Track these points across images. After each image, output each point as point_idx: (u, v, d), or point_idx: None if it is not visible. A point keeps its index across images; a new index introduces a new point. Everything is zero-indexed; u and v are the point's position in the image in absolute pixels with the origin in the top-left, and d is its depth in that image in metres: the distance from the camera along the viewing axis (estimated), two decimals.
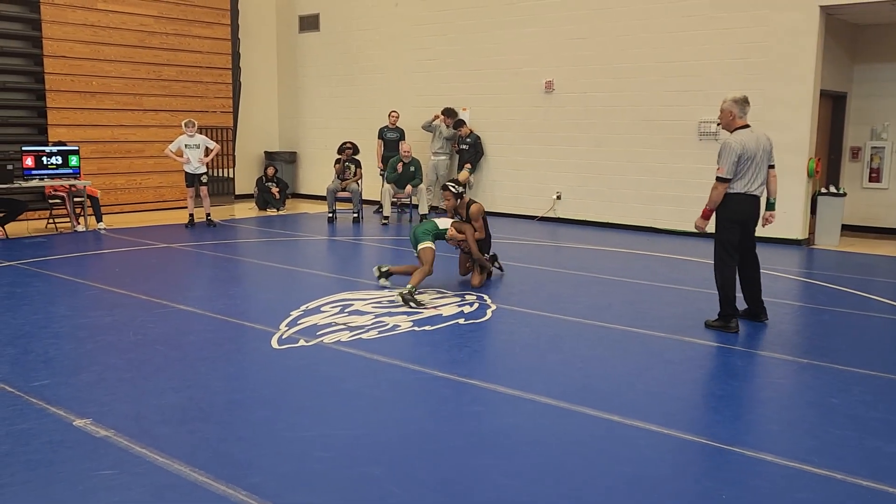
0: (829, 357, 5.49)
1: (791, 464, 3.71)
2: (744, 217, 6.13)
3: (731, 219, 6.10)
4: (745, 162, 5.95)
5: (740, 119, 6.09)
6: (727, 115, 6.12)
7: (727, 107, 6.10)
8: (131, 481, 3.39)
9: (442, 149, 13.77)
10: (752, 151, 5.96)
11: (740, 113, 6.08)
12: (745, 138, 5.98)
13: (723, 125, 6.24)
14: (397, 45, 14.79)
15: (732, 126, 6.10)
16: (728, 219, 6.11)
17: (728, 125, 6.14)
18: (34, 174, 10.80)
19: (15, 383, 4.64)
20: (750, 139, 5.99)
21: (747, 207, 6.11)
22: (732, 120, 6.10)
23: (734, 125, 6.10)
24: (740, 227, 6.14)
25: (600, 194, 12.44)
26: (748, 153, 5.94)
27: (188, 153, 11.71)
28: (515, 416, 4.29)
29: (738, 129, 6.08)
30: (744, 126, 6.08)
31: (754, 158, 5.98)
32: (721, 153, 6.01)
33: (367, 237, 11.22)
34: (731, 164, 5.93)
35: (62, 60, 12.69)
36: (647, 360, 5.41)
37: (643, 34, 11.71)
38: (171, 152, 11.77)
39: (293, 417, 4.20)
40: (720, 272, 6.17)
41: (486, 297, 7.16)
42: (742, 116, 6.09)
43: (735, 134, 6.04)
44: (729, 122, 6.12)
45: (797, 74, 10.46)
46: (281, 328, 5.96)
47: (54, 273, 8.06)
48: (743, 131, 6.04)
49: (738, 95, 6.13)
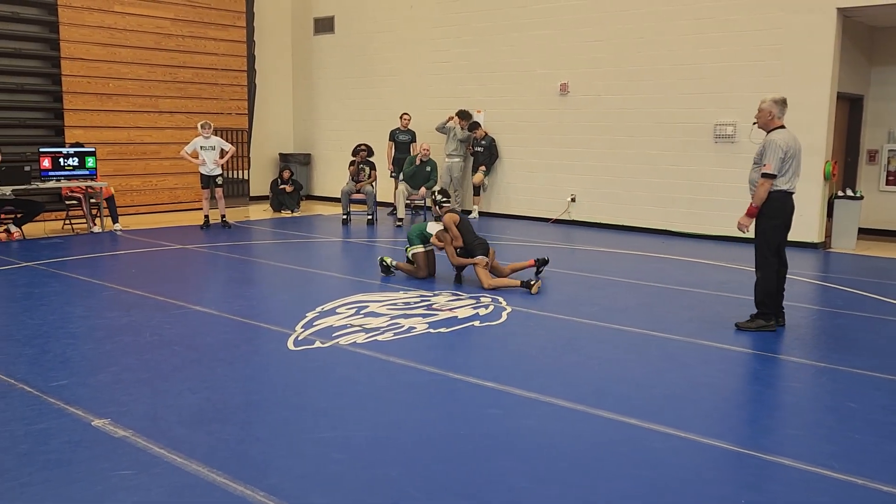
0: (846, 361, 5.44)
1: (810, 468, 3.68)
2: (787, 215, 6.18)
3: (777, 216, 6.14)
4: (788, 160, 6.03)
5: (778, 119, 6.16)
6: (766, 115, 6.17)
7: (767, 106, 6.15)
8: (150, 481, 3.41)
9: (456, 151, 13.77)
10: (793, 150, 6.06)
11: (779, 113, 6.15)
12: (787, 137, 6.06)
13: (760, 124, 6.26)
14: (412, 47, 14.82)
15: (770, 126, 6.17)
16: (774, 217, 6.14)
17: (766, 124, 6.20)
18: (51, 175, 10.88)
19: (34, 383, 4.68)
20: (791, 138, 6.09)
21: (790, 205, 6.17)
22: (771, 120, 6.16)
23: (772, 125, 6.16)
24: (783, 225, 6.20)
25: (615, 197, 12.41)
26: (791, 151, 6.04)
27: (203, 155, 11.76)
28: (532, 418, 4.28)
29: (775, 129, 6.14)
30: (780, 127, 6.15)
31: (796, 157, 6.08)
32: (766, 151, 6.05)
33: (382, 239, 11.23)
34: (779, 161, 5.99)
35: (79, 62, 12.79)
36: (663, 364, 5.39)
37: (658, 36, 11.67)
38: (187, 154, 11.82)
39: (310, 419, 4.21)
40: (761, 271, 6.22)
41: (501, 300, 7.15)
42: (780, 117, 6.16)
43: (777, 132, 6.10)
44: (767, 121, 6.18)
45: (814, 77, 10.39)
46: (297, 330, 5.97)
47: (71, 274, 8.11)
48: (782, 131, 6.11)
49: (777, 96, 6.19)
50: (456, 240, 7.86)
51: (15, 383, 4.67)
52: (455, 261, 7.90)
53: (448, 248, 7.88)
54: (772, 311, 6.24)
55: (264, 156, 16.44)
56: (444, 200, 8.28)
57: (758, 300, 6.26)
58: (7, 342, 5.63)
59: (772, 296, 6.21)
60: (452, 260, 7.91)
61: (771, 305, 6.22)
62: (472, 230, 8.04)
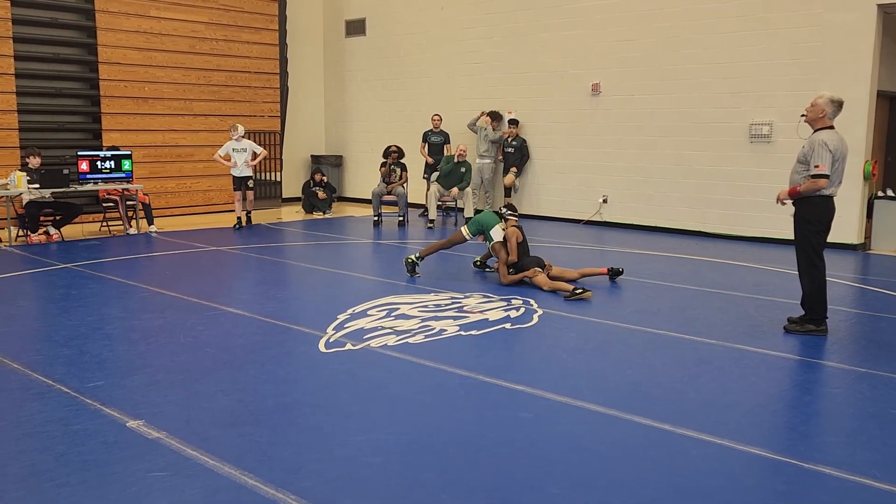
0: (888, 366, 5.32)
1: (850, 477, 3.60)
2: (830, 219, 6.04)
3: (821, 220, 6.01)
4: (835, 163, 5.87)
5: (829, 119, 5.96)
6: (818, 111, 5.97)
7: (822, 103, 5.95)
8: (183, 483, 3.44)
9: (487, 152, 13.74)
10: (840, 154, 5.90)
11: (832, 114, 5.96)
12: (835, 139, 5.88)
13: (808, 118, 6.06)
14: (443, 48, 14.82)
15: (818, 124, 5.98)
16: (818, 221, 6.01)
17: (814, 121, 6.01)
18: (89, 178, 11.08)
19: (71, 384, 4.75)
20: (839, 141, 5.91)
21: (833, 209, 6.05)
22: (823, 118, 5.96)
23: (821, 124, 5.97)
24: (827, 229, 6.06)
25: (647, 198, 12.29)
26: (838, 154, 5.88)
27: (235, 157, 12.04)
28: (564, 423, 4.25)
29: (823, 128, 5.95)
30: (829, 127, 5.96)
31: (842, 161, 5.93)
32: (815, 151, 5.86)
33: (413, 241, 11.24)
34: (830, 161, 5.82)
35: (116, 67, 12.98)
36: (697, 368, 5.32)
37: (692, 35, 11.54)
38: (220, 157, 12.12)
39: (342, 422, 4.22)
40: (809, 277, 6.09)
41: (532, 302, 7.11)
42: (832, 118, 5.97)
43: (826, 132, 5.91)
44: (818, 118, 5.98)
45: (853, 75, 10.20)
46: (328, 332, 6.00)
47: (108, 275, 8.24)
48: (831, 132, 5.93)
49: (835, 96, 5.98)
50: (511, 254, 7.86)
51: (53, 384, 4.75)
52: (505, 280, 7.86)
53: (501, 267, 7.90)
54: (822, 316, 6.12)
55: (296, 158, 16.56)
56: (510, 214, 8.14)
57: (808, 305, 6.15)
58: (46, 343, 5.73)
59: (822, 301, 6.08)
60: (503, 279, 7.87)
61: (821, 311, 6.10)
62: (527, 249, 8.07)
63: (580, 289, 7.32)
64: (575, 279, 8.00)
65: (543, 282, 7.62)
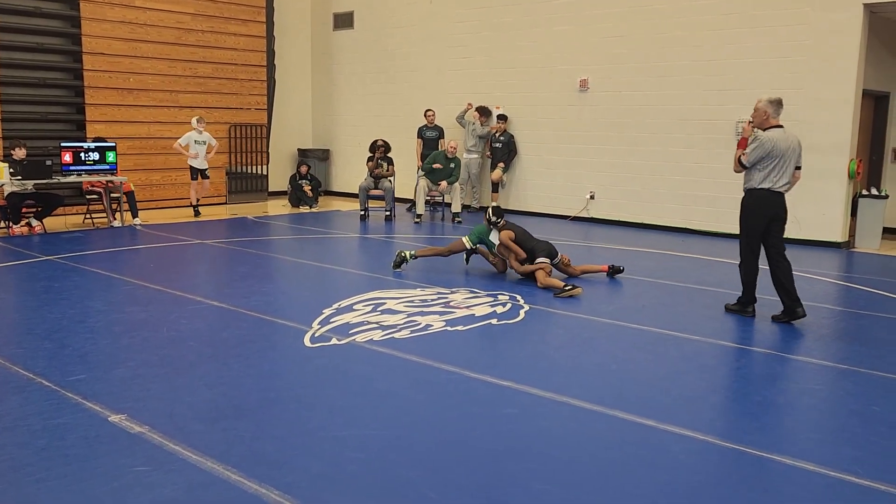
0: (869, 363, 5.36)
1: (832, 473, 3.62)
2: (767, 213, 6.37)
3: (755, 213, 6.40)
4: (772, 159, 6.24)
5: (773, 119, 6.34)
6: (761, 115, 6.37)
7: (762, 106, 6.35)
8: (165, 479, 3.41)
9: (475, 147, 13.74)
10: (781, 150, 6.24)
11: (774, 113, 6.33)
12: (777, 136, 6.25)
13: (755, 123, 6.46)
14: (431, 42, 14.78)
15: (765, 125, 6.37)
16: (750, 213, 6.44)
17: (761, 124, 6.39)
18: (72, 170, 10.96)
19: (52, 378, 4.70)
20: (782, 138, 6.26)
21: (770, 203, 6.36)
22: (766, 119, 6.35)
23: (767, 124, 6.36)
24: (763, 221, 6.38)
25: (634, 194, 12.32)
26: (777, 151, 6.23)
27: (197, 149, 12.52)
28: (550, 419, 4.24)
29: (770, 128, 6.33)
30: (777, 126, 6.32)
31: (782, 157, 6.26)
32: (752, 143, 6.33)
33: (400, 235, 11.22)
34: (757, 157, 6.26)
35: (100, 57, 12.86)
36: (682, 364, 5.33)
37: (681, 32, 11.56)
38: (180, 146, 12.49)
39: (326, 417, 4.20)
40: (743, 264, 6.59)
41: (518, 298, 7.11)
42: (775, 117, 6.34)
43: (768, 131, 6.30)
44: (763, 121, 6.37)
45: (839, 74, 10.25)
46: (313, 326, 5.97)
47: (91, 268, 8.16)
48: (776, 130, 6.29)
49: (773, 97, 6.39)
50: (518, 254, 7.94)
51: (34, 377, 4.70)
52: (520, 270, 7.95)
53: (513, 262, 7.99)
54: (750, 300, 6.62)
55: (283, 151, 16.48)
56: (496, 220, 8.13)
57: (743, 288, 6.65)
58: (27, 336, 5.67)
59: (750, 285, 6.57)
60: (518, 270, 7.98)
61: (750, 295, 6.60)
62: (529, 236, 8.11)
63: (570, 286, 7.34)
64: (576, 275, 8.12)
65: (540, 278, 7.66)
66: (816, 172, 10.46)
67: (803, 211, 10.44)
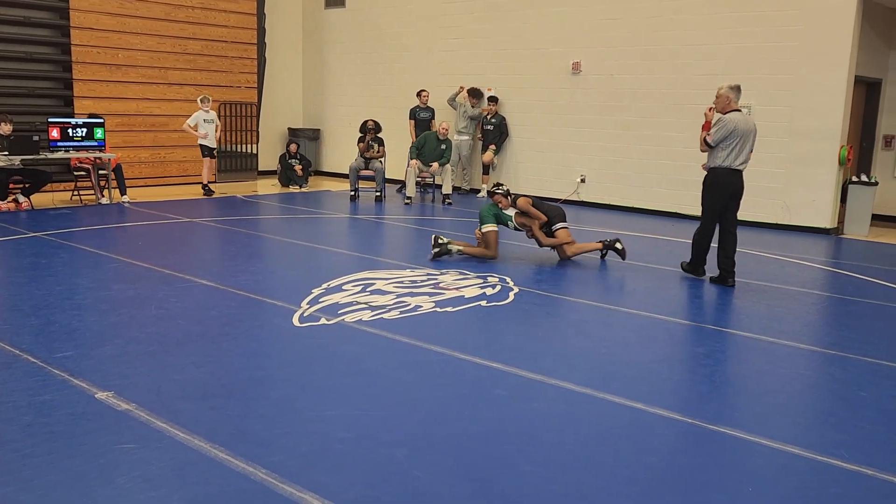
0: (857, 349, 5.38)
1: (819, 457, 3.63)
2: (727, 188, 7.06)
3: (719, 190, 7.08)
4: (734, 138, 6.92)
5: (734, 103, 7.07)
6: (724, 100, 7.07)
7: (724, 92, 7.07)
8: (152, 456, 3.39)
9: (466, 128, 13.67)
10: (741, 131, 6.94)
11: (735, 98, 7.06)
12: (737, 118, 6.96)
13: (718, 108, 7.13)
14: (424, 23, 14.65)
15: (727, 109, 7.05)
16: (713, 190, 7.12)
17: (723, 108, 7.08)
18: (60, 146, 10.84)
19: (38, 354, 4.66)
20: (742, 120, 6.98)
21: (730, 180, 7.05)
22: (728, 104, 7.06)
23: (728, 108, 7.05)
24: (724, 198, 7.08)
25: (625, 178, 12.30)
26: (738, 132, 6.92)
27: (205, 128, 12.43)
28: (539, 401, 4.24)
29: (731, 111, 7.02)
30: (736, 110, 7.04)
31: (743, 137, 6.95)
32: (716, 124, 7.01)
33: (390, 216, 11.18)
34: (721, 137, 6.93)
35: (89, 32, 12.69)
36: (671, 348, 5.34)
37: (674, 16, 11.50)
38: (189, 127, 12.42)
39: (314, 396, 4.18)
40: (698, 233, 7.32)
41: (508, 280, 7.10)
42: (736, 101, 7.07)
43: (732, 114, 6.98)
44: (724, 105, 7.08)
45: (832, 60, 10.23)
46: (302, 306, 5.94)
47: (78, 245, 8.09)
48: (736, 113, 7.00)
49: (733, 83, 7.13)
50: (540, 218, 8.02)
51: (20, 354, 4.66)
52: (546, 241, 8.04)
53: (537, 232, 8.03)
54: (701, 264, 7.40)
55: (273, 130, 16.36)
56: (507, 190, 8.22)
57: (694, 254, 7.38)
58: (13, 312, 5.62)
59: (700, 254, 7.34)
60: (543, 241, 8.04)
61: (703, 260, 7.38)
62: (539, 201, 8.33)
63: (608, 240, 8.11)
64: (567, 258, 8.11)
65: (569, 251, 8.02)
66: (807, 158, 10.48)
67: (793, 197, 10.47)
